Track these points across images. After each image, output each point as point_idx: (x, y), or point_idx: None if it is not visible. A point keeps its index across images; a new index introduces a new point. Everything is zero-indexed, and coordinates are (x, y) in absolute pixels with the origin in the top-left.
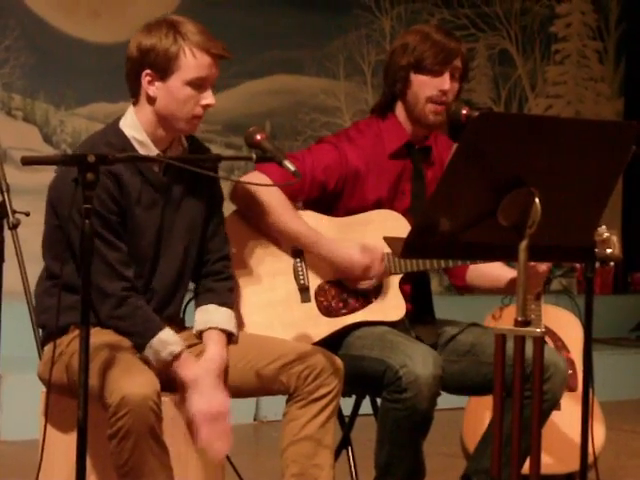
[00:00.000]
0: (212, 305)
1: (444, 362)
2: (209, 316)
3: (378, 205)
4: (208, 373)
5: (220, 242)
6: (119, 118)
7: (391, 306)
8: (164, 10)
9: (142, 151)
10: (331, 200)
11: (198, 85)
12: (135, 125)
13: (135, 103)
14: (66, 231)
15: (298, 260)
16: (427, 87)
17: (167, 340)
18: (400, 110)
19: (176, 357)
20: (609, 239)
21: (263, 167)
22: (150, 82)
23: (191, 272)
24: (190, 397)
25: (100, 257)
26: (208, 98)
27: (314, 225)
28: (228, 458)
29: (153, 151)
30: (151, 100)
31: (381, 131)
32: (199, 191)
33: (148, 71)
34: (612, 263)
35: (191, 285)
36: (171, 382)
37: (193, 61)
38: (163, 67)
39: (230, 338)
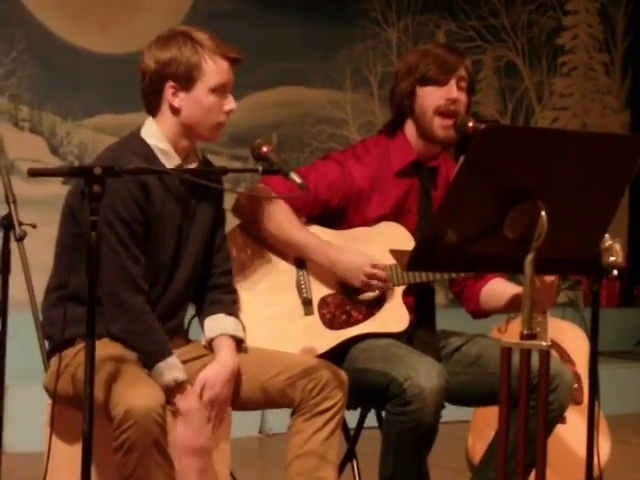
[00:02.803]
0: (221, 314)
1: (449, 373)
2: (219, 324)
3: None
4: (202, 408)
5: (224, 257)
6: (139, 128)
7: (394, 317)
8: (170, 22)
9: (165, 160)
10: (334, 216)
11: (221, 91)
12: (157, 135)
13: (154, 115)
14: (86, 238)
15: (301, 273)
16: (434, 97)
17: (174, 366)
18: (410, 127)
19: (179, 385)
20: (612, 247)
21: (268, 180)
22: (174, 93)
23: (196, 285)
24: (179, 426)
25: (122, 269)
26: (230, 104)
27: None
28: (232, 473)
29: (176, 160)
30: (175, 111)
31: (388, 149)
32: (209, 204)
33: (172, 83)
34: (615, 271)
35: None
36: None
37: (214, 67)
38: (187, 77)
39: (239, 345)
